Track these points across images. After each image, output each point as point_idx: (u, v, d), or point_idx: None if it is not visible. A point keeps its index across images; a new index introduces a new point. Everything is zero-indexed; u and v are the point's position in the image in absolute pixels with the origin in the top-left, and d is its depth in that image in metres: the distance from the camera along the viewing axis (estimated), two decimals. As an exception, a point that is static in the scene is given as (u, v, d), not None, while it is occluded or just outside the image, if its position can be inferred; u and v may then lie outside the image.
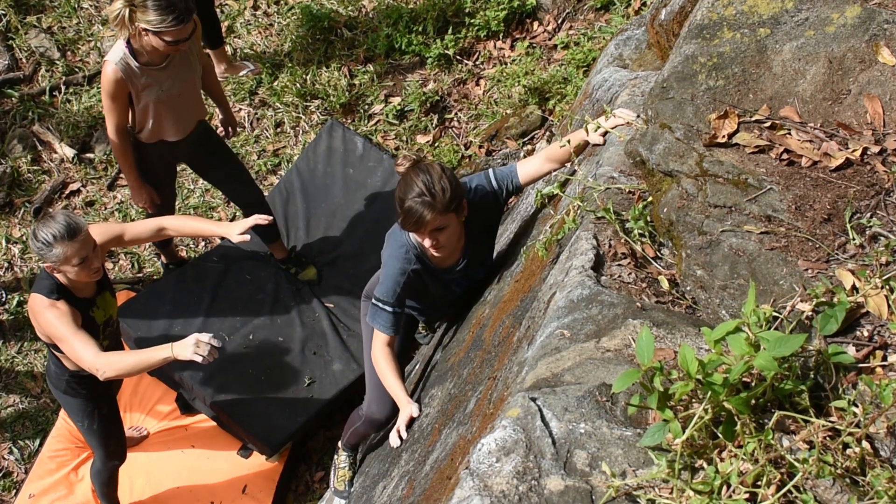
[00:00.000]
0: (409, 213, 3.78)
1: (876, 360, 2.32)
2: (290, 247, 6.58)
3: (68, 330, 4.35)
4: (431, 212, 3.74)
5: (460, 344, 4.20)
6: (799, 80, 2.96)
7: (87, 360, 4.29)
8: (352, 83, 7.79)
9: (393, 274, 4.11)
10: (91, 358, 4.28)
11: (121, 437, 5.33)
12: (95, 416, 5.05)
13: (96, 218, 7.29)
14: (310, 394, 5.96)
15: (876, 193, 2.68)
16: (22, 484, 6.01)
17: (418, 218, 3.76)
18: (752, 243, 2.63)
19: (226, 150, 6.00)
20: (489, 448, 2.32)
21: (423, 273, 4.17)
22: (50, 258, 4.27)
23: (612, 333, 2.60)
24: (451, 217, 3.84)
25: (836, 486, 2.09)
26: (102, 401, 5.06)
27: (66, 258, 4.26)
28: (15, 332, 6.74)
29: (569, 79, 7.27)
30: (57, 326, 4.36)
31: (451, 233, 3.90)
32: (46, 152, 7.62)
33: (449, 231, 3.88)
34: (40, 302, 4.41)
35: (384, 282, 4.15)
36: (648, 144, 3.03)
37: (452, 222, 3.87)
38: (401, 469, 3.88)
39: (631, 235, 2.98)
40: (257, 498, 5.89)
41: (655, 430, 2.18)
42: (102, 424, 5.11)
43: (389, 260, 4.14)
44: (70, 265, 4.29)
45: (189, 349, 4.08)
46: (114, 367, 4.27)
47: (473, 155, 7.37)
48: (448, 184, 3.79)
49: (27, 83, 7.94)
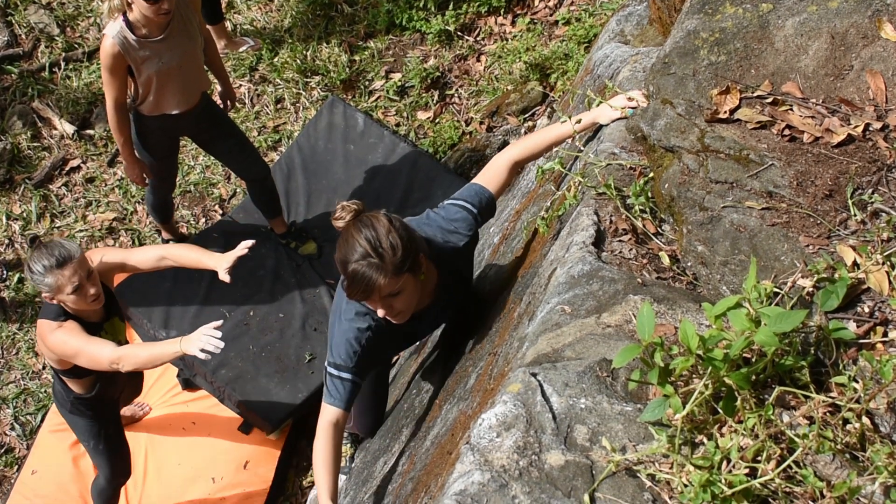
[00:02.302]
0: (354, 279, 3.15)
1: (876, 335, 2.32)
2: (291, 222, 6.59)
3: (80, 341, 4.32)
4: (382, 276, 3.13)
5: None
6: (801, 56, 2.95)
7: (106, 356, 4.28)
8: (352, 59, 7.76)
9: (346, 333, 3.45)
10: (109, 353, 4.27)
11: (126, 455, 5.35)
12: (102, 437, 5.06)
13: (96, 194, 7.29)
14: (311, 370, 5.97)
15: (878, 169, 2.67)
16: (24, 460, 6.03)
17: (366, 285, 3.15)
18: (754, 219, 2.63)
19: (230, 122, 5.99)
20: (490, 423, 2.32)
21: (382, 330, 3.50)
22: (44, 288, 4.25)
23: (613, 309, 2.60)
24: (407, 279, 3.22)
25: (836, 461, 2.09)
26: (108, 421, 5.08)
27: (58, 287, 4.22)
28: (16, 309, 6.75)
29: (570, 55, 7.25)
30: (67, 342, 4.33)
31: (408, 296, 3.29)
32: (46, 129, 7.61)
33: (406, 295, 3.28)
34: (47, 326, 4.38)
35: (337, 344, 3.46)
36: (650, 120, 3.02)
37: (409, 285, 3.26)
38: (401, 444, 3.89)
39: (632, 211, 2.98)
40: (258, 474, 5.91)
41: (656, 406, 2.18)
42: (108, 444, 5.13)
43: (342, 318, 3.48)
44: (64, 294, 4.25)
45: (194, 345, 4.04)
46: (131, 360, 4.28)
47: (474, 131, 7.36)
48: (398, 239, 3.14)
49: (27, 59, 7.92)
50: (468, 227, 3.51)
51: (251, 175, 6.16)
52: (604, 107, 3.43)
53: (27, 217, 7.18)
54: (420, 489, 2.93)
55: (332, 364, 3.46)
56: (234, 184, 7.30)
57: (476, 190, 3.55)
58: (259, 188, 6.25)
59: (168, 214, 6.57)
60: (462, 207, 3.52)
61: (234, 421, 5.98)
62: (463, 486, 2.19)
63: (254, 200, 6.39)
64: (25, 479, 5.85)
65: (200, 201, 7.28)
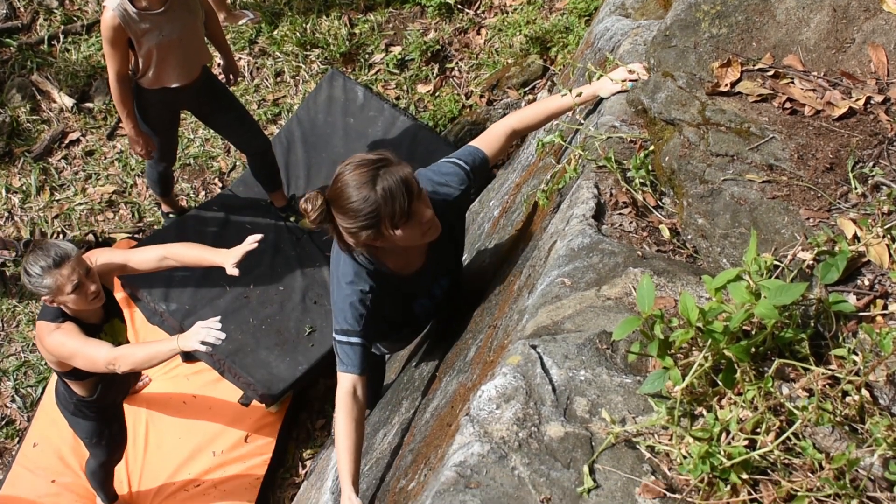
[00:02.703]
0: (390, 195, 3.01)
1: (876, 308, 2.32)
2: (290, 195, 6.58)
3: (77, 342, 4.28)
4: (407, 168, 3.11)
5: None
6: (803, 29, 2.94)
7: (103, 357, 4.23)
8: (352, 32, 7.74)
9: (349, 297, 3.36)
10: (105, 354, 4.22)
11: (123, 447, 5.37)
12: (104, 436, 5.06)
13: (96, 168, 7.28)
14: (310, 343, 5.98)
15: (879, 143, 2.67)
16: (25, 432, 6.04)
17: (406, 188, 3.05)
18: (754, 192, 2.62)
19: (231, 96, 5.98)
20: (489, 395, 2.33)
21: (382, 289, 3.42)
22: (43, 290, 4.19)
23: (613, 282, 2.60)
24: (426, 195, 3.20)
25: (835, 433, 2.10)
26: (111, 422, 5.08)
27: (58, 288, 4.16)
28: (16, 282, 6.75)
29: (571, 28, 7.22)
30: (65, 343, 4.29)
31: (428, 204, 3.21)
32: (45, 102, 7.59)
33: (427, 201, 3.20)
34: (45, 328, 4.34)
35: (341, 309, 3.38)
36: (650, 93, 3.01)
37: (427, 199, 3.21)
38: (402, 416, 3.90)
39: (632, 184, 2.97)
40: (258, 446, 5.93)
41: (655, 378, 2.19)
42: (109, 442, 5.14)
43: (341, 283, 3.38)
44: (64, 294, 4.19)
45: (192, 339, 4.00)
46: (128, 360, 4.22)
47: (474, 104, 7.35)
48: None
49: (25, 32, 7.89)
50: (460, 181, 3.46)
51: (252, 149, 6.16)
52: (604, 80, 3.39)
53: (27, 190, 7.17)
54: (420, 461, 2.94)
55: (340, 331, 3.38)
56: (234, 157, 7.29)
57: (470, 151, 3.51)
58: (260, 162, 6.25)
59: (168, 188, 6.57)
60: (454, 164, 3.48)
61: (235, 394, 5.99)
62: (463, 457, 2.20)
63: (254, 174, 6.38)
64: (27, 451, 5.87)
65: (200, 174, 7.28)
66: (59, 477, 5.80)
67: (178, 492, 5.78)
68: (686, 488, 2.11)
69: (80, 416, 4.90)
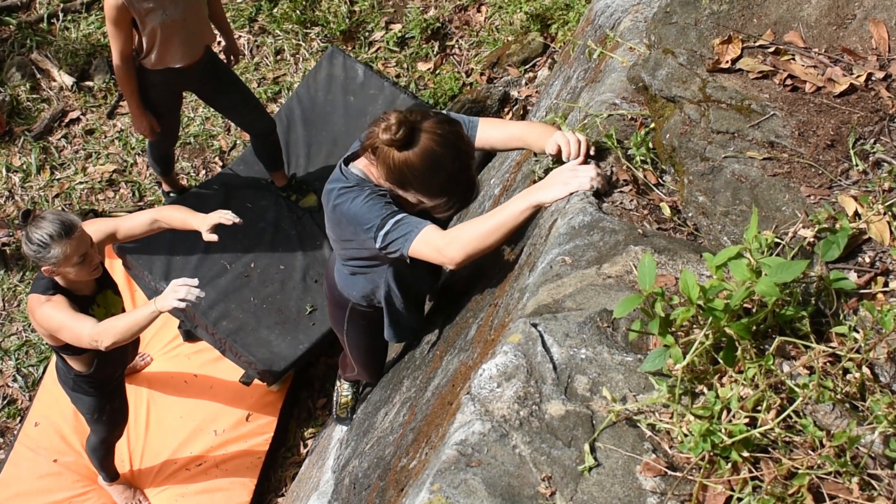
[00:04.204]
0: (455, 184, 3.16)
1: (877, 286, 2.32)
2: (291, 174, 6.58)
3: (65, 316, 4.19)
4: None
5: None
6: (804, 5, 2.92)
7: (86, 334, 4.15)
8: (352, 10, 7.72)
9: (371, 199, 3.20)
10: (88, 331, 4.14)
11: (124, 423, 5.35)
12: (105, 411, 5.04)
13: (96, 146, 7.28)
14: (311, 321, 5.99)
15: (880, 119, 2.66)
16: (27, 412, 6.06)
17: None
18: (755, 169, 2.62)
19: (234, 77, 5.96)
20: (490, 373, 2.33)
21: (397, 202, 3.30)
22: (48, 260, 4.10)
23: (614, 260, 2.60)
24: None
25: (836, 410, 2.10)
26: (112, 397, 5.05)
27: (66, 257, 4.08)
28: (17, 261, 6.75)
29: (571, 5, 7.20)
30: (53, 316, 4.21)
31: None
32: (45, 80, 7.58)
33: None
34: (36, 300, 4.27)
35: (368, 210, 3.19)
36: (651, 70, 3.00)
37: None
38: (402, 395, 3.91)
39: (633, 162, 2.97)
40: (260, 425, 5.95)
41: (656, 356, 2.19)
42: (110, 418, 5.12)
43: (356, 200, 3.22)
44: (70, 264, 4.12)
45: (170, 298, 3.94)
46: (109, 333, 4.12)
47: (475, 82, 7.33)
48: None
49: (25, 10, 7.87)
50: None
51: (256, 130, 6.14)
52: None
53: (27, 169, 7.17)
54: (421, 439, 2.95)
55: (377, 225, 3.16)
56: (235, 136, 7.28)
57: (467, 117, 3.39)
58: (263, 142, 6.24)
59: (169, 167, 6.56)
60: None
61: (236, 373, 6.00)
62: (464, 435, 2.20)
63: (256, 154, 6.37)
64: (28, 430, 5.89)
65: (200, 153, 7.27)
66: (61, 456, 5.82)
67: (179, 471, 5.79)
68: (687, 466, 2.11)
69: (80, 392, 4.88)
